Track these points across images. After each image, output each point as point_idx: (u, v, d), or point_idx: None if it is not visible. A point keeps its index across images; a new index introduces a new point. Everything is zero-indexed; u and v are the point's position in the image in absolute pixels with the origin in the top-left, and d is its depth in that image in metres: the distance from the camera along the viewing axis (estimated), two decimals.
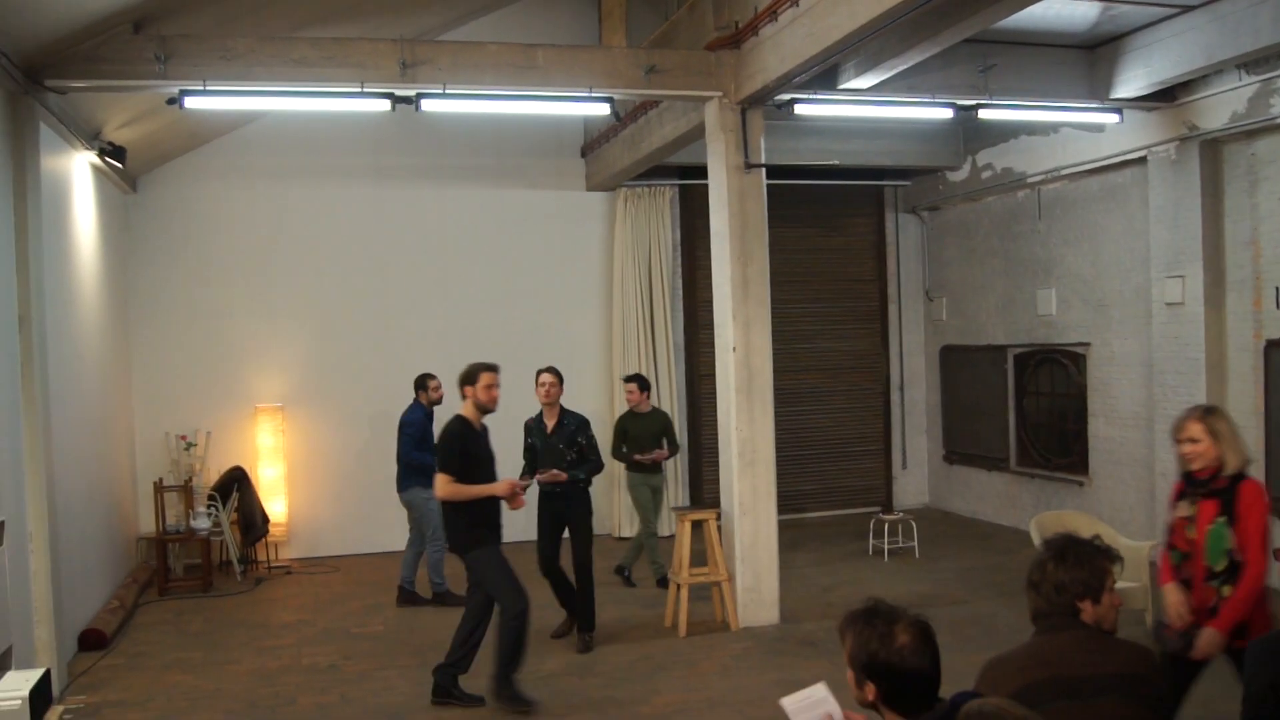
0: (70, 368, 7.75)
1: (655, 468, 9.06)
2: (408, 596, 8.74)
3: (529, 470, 7.56)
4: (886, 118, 9.98)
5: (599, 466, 7.66)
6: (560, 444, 7.46)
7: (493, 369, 6.40)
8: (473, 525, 6.17)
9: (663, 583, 8.70)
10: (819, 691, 2.82)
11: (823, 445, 12.38)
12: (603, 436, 11.35)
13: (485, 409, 6.34)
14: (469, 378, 6.35)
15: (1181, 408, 8.68)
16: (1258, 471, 8.34)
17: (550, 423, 7.54)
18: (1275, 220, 8.17)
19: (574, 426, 7.54)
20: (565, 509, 7.47)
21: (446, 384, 8.16)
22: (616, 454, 9.10)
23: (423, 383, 8.91)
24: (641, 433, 9.01)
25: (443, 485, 6.14)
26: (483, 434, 6.39)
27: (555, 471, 7.27)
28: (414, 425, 8.69)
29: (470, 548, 6.18)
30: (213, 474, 10.22)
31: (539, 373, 7.60)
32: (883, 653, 2.59)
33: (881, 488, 12.52)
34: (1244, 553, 4.01)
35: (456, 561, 6.47)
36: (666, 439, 9.07)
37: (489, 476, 6.33)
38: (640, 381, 9.19)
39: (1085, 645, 2.98)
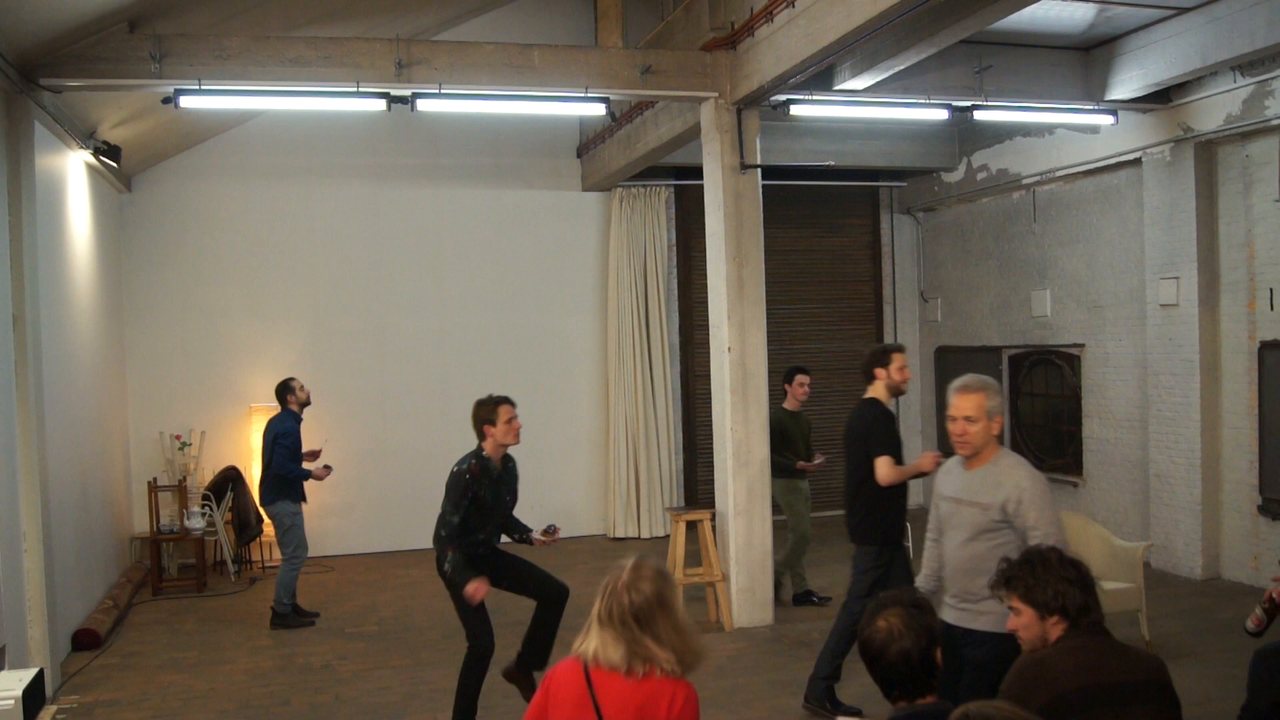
0: (64, 367, 7.73)
1: (802, 472, 8.46)
2: (283, 619, 8.14)
3: (468, 534, 5.72)
4: (882, 119, 10.01)
5: None
6: (507, 495, 5.99)
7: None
8: (896, 517, 5.86)
9: (801, 598, 8.38)
10: None
11: (817, 446, 12.34)
12: (592, 435, 11.42)
13: (898, 390, 6.04)
14: (881, 356, 6.04)
15: (1176, 409, 8.78)
16: (1252, 472, 8.38)
17: (499, 469, 5.91)
18: (1269, 222, 8.19)
19: (513, 469, 6.09)
20: (495, 565, 5.91)
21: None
22: (774, 456, 8.12)
23: (287, 387, 8.26)
24: (798, 435, 8.44)
25: (886, 469, 5.73)
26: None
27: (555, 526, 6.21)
28: (290, 436, 8.07)
29: (873, 542, 5.84)
30: (207, 474, 10.20)
31: (502, 403, 5.88)
32: (863, 640, 2.83)
33: None
34: None
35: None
36: (808, 443, 8.57)
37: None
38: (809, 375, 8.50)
39: (1112, 652, 3.00)
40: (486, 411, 5.78)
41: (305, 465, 8.24)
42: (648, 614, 2.89)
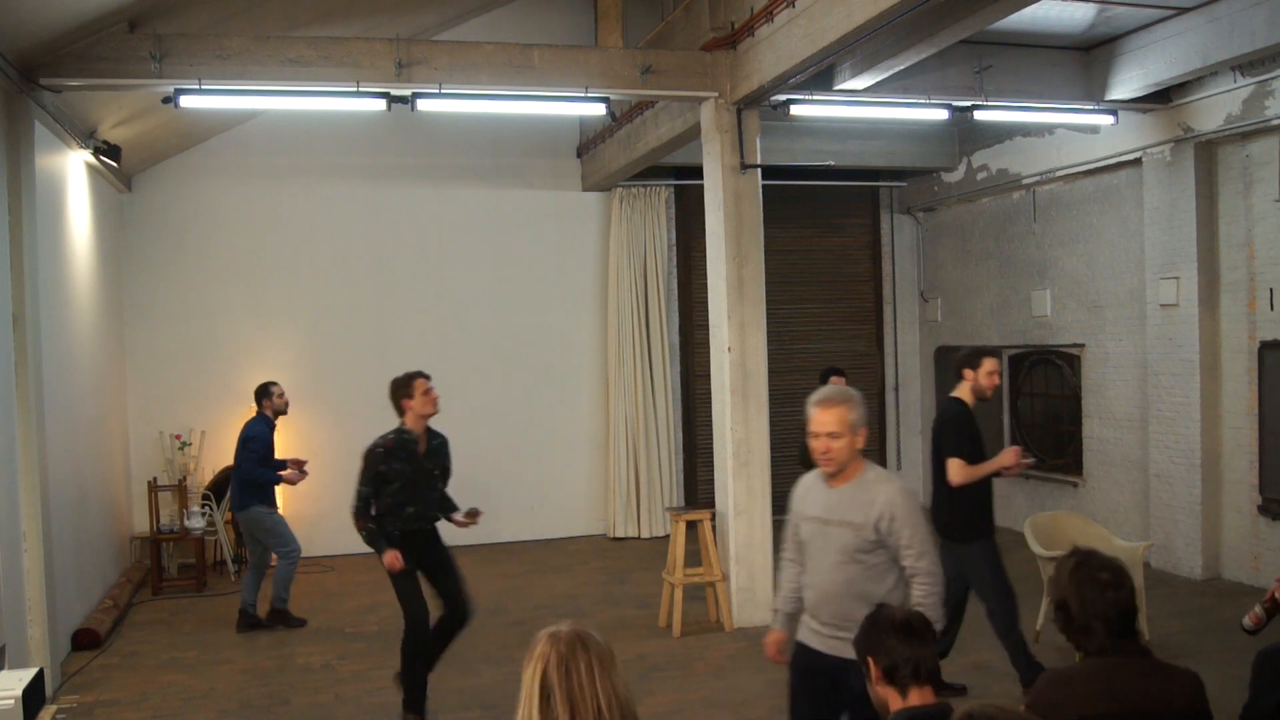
0: (64, 367, 7.73)
1: None
2: (250, 621, 8.04)
3: (375, 509, 5.96)
4: (882, 119, 10.01)
5: None
6: (434, 469, 6.17)
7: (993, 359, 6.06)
8: (983, 512, 5.94)
9: None
10: None
11: None
12: (592, 435, 11.42)
13: (983, 394, 6.02)
14: (973, 358, 6.03)
15: (1176, 409, 8.78)
16: (1252, 472, 8.38)
17: (422, 443, 6.12)
18: (1269, 222, 8.19)
19: (443, 446, 6.26)
20: (429, 550, 6.10)
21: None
22: (807, 459, 8.32)
23: (265, 391, 8.22)
24: None
25: (957, 470, 5.80)
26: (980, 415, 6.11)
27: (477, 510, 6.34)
28: (258, 440, 8.03)
29: (971, 539, 5.91)
30: (207, 473, 10.20)
31: (417, 376, 6.11)
32: (873, 630, 2.92)
33: None
34: None
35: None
36: None
37: None
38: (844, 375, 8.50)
39: (1145, 672, 2.86)
40: (402, 386, 6.10)
41: (292, 471, 8.29)
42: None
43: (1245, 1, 7.26)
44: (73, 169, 8.29)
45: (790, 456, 11.91)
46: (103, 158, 8.34)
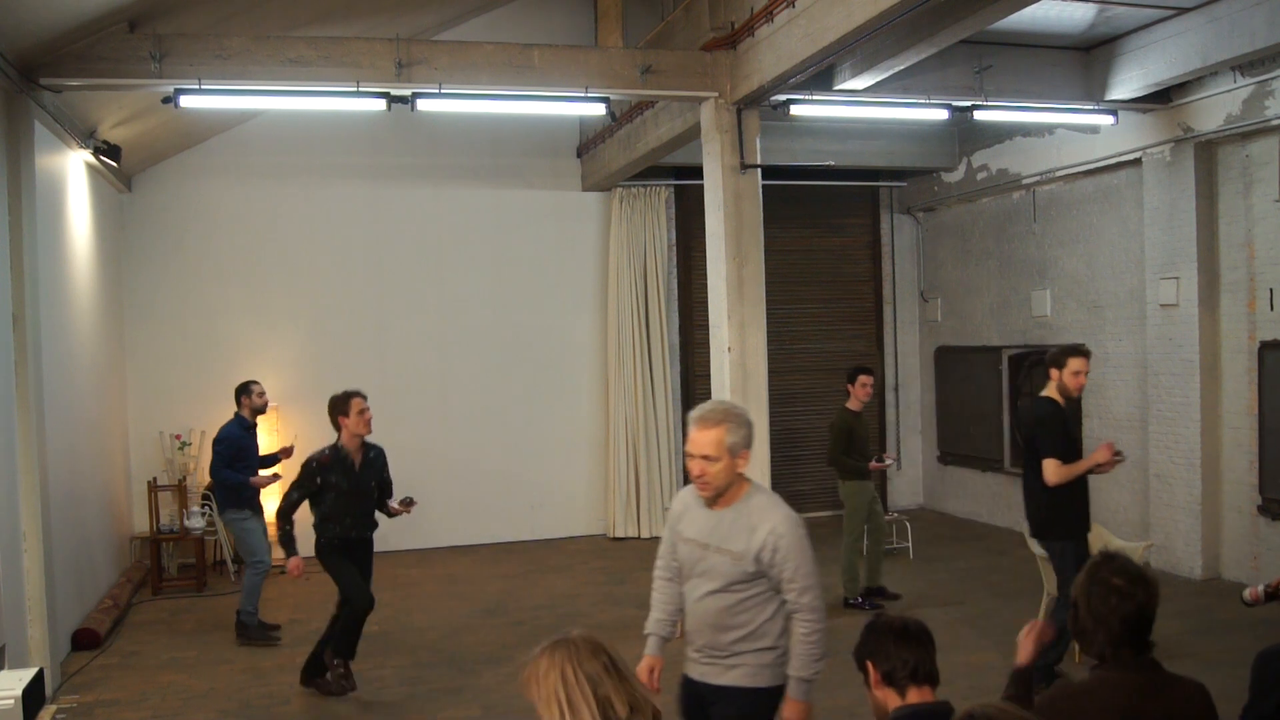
0: (64, 366, 7.73)
1: (869, 473, 8.40)
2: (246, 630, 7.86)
3: (315, 517, 6.55)
4: (882, 118, 10.01)
5: None
6: (371, 481, 6.58)
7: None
8: (1076, 511, 5.98)
9: (850, 602, 8.26)
10: None
11: (818, 446, 12.36)
12: (592, 435, 11.41)
13: (1068, 393, 6.02)
14: (1059, 357, 6.06)
15: (1176, 409, 8.78)
16: (1252, 472, 8.38)
17: (357, 458, 6.49)
18: (1269, 222, 8.19)
19: (378, 459, 6.66)
20: (363, 557, 6.64)
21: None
22: (844, 458, 8.23)
23: (245, 389, 8.06)
24: (864, 434, 8.42)
25: (1053, 470, 5.86)
26: (1073, 412, 6.21)
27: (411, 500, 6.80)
28: (226, 442, 7.86)
29: (1063, 537, 5.98)
30: (206, 473, 10.17)
31: (354, 396, 6.46)
32: (871, 635, 2.93)
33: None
34: None
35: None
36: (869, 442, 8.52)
37: None
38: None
39: (1155, 689, 2.81)
40: (340, 404, 6.42)
41: (267, 471, 8.15)
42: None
43: (1245, 1, 7.26)
44: (73, 169, 8.29)
45: (791, 456, 11.95)
46: (103, 158, 8.34)
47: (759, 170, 7.90)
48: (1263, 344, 8.28)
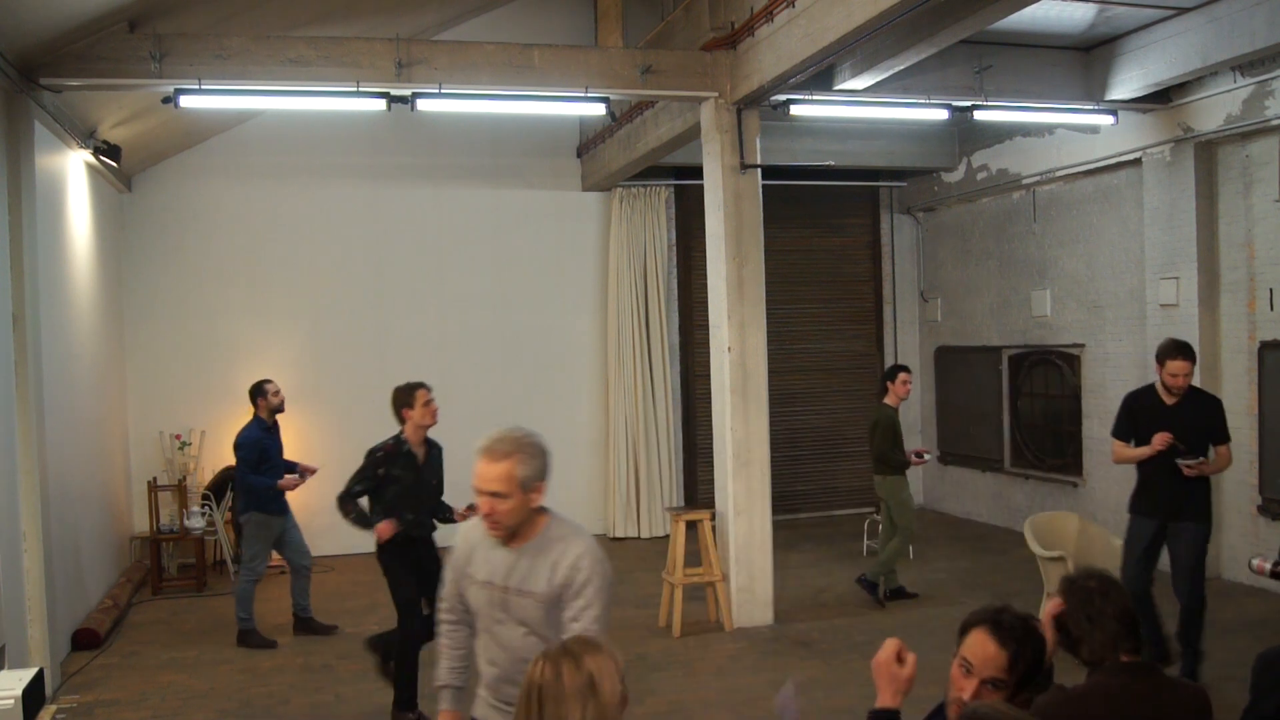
0: (64, 367, 7.73)
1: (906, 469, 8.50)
2: (305, 625, 8.01)
3: (373, 512, 6.15)
4: (882, 119, 10.01)
5: None
6: (434, 479, 6.29)
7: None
8: (1141, 491, 6.37)
9: (895, 593, 8.39)
10: (788, 689, 2.90)
11: (817, 446, 12.39)
12: (592, 435, 11.42)
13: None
14: (1159, 355, 6.29)
15: None
16: (1252, 472, 8.38)
17: (421, 452, 6.22)
18: (1269, 222, 8.19)
19: (440, 456, 6.38)
20: (424, 556, 6.25)
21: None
22: (894, 454, 8.30)
23: (260, 389, 7.87)
24: (899, 429, 8.45)
25: (1115, 449, 6.44)
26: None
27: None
28: (248, 446, 7.65)
29: (1136, 511, 6.43)
30: (207, 473, 10.20)
31: (419, 387, 6.16)
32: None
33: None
34: None
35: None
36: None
37: None
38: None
39: (1153, 692, 2.82)
40: (404, 396, 6.16)
41: (293, 475, 7.89)
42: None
43: (1245, 1, 7.26)
44: (73, 169, 8.29)
45: (791, 456, 11.95)
46: (103, 158, 8.34)
47: (759, 170, 7.91)
48: (1263, 344, 8.28)
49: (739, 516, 7.78)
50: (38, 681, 4.19)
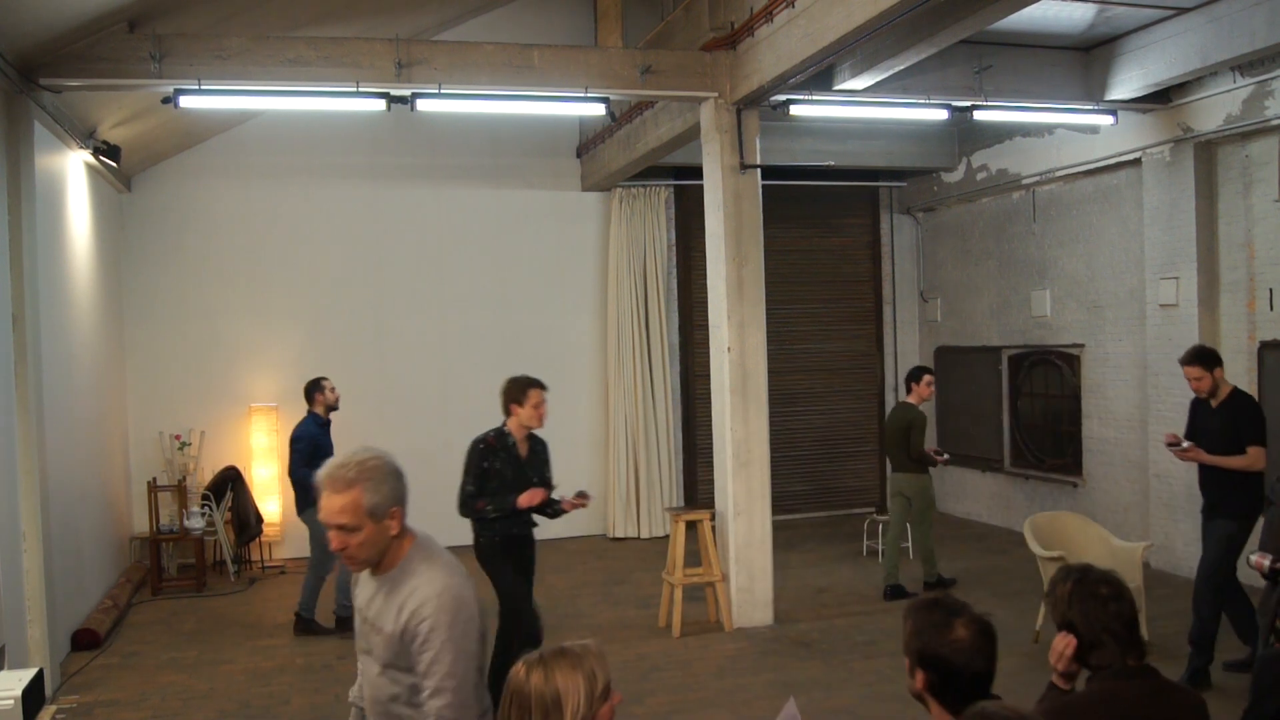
0: (64, 367, 7.73)
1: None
2: (305, 625, 7.94)
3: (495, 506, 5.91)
4: (882, 119, 10.01)
5: None
6: (534, 476, 6.03)
7: None
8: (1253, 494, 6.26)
9: (932, 584, 8.57)
10: (790, 708, 2.85)
11: (817, 446, 12.39)
12: (592, 436, 11.40)
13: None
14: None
15: (1176, 409, 8.75)
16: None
17: (524, 448, 6.02)
18: (1269, 222, 8.19)
19: (544, 452, 6.16)
20: (523, 554, 6.09)
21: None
22: (925, 452, 8.58)
23: (317, 385, 7.97)
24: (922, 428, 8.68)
25: (1259, 457, 6.20)
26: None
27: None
28: (304, 440, 7.81)
29: (1230, 516, 6.35)
30: (206, 474, 10.20)
31: (533, 386, 5.95)
32: (934, 644, 2.54)
33: (876, 489, 12.52)
34: None
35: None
36: None
37: None
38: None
39: (1151, 695, 2.80)
40: (516, 391, 5.92)
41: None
42: None
43: (1245, 1, 7.27)
44: (72, 169, 8.29)
45: (791, 457, 11.95)
46: (102, 158, 8.34)
47: (759, 170, 7.91)
48: (1262, 344, 8.27)
49: (739, 516, 7.79)
50: (37, 682, 4.19)
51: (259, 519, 10.10)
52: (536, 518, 6.16)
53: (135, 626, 8.26)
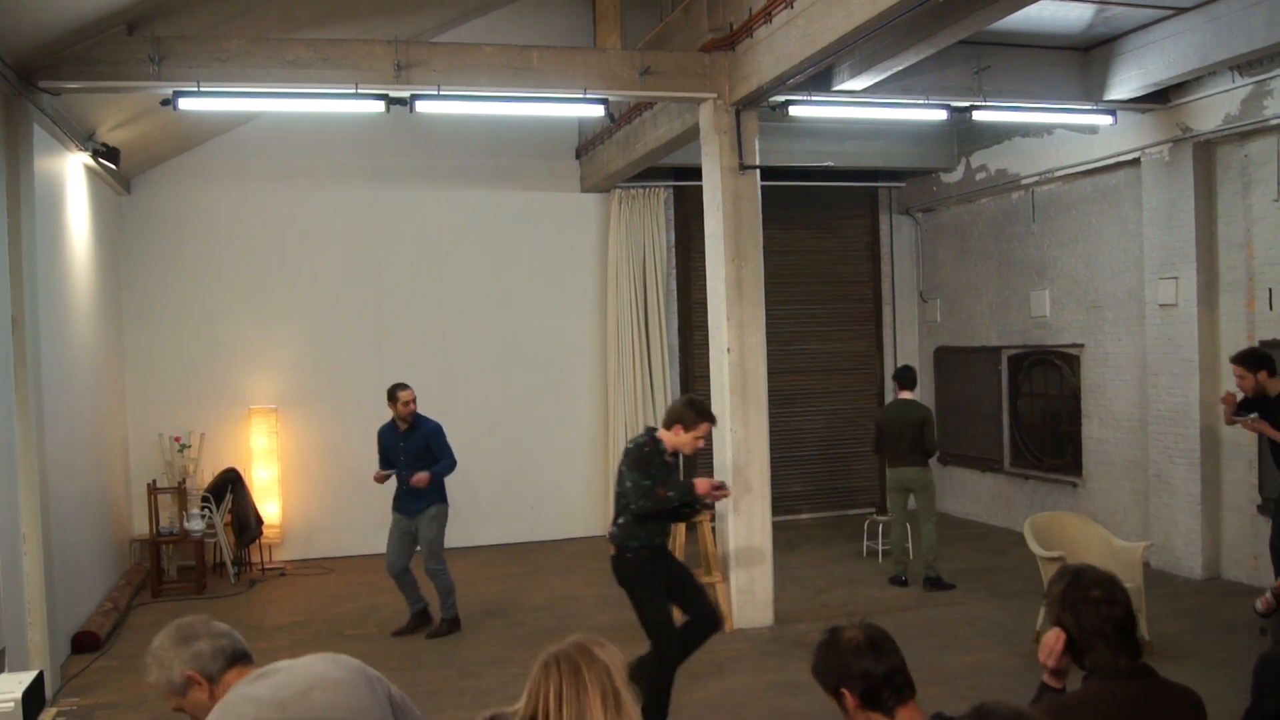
0: (63, 369, 7.73)
1: None
2: (450, 624, 8.06)
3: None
4: (881, 119, 10.00)
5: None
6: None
7: None
8: None
9: (933, 583, 8.73)
10: None
11: (817, 447, 12.39)
12: (592, 436, 11.41)
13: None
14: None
15: (1175, 409, 8.78)
16: (1251, 472, 8.38)
17: (670, 459, 6.03)
18: (1268, 222, 8.19)
19: (676, 462, 6.17)
20: (670, 562, 6.13)
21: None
22: (935, 446, 9.02)
23: (390, 394, 7.99)
24: None
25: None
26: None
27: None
28: (379, 442, 8.09)
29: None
30: (206, 476, 10.18)
31: (707, 419, 5.95)
32: (837, 664, 2.67)
33: (876, 489, 12.51)
34: None
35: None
36: None
37: None
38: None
39: (1147, 694, 2.81)
40: (694, 416, 5.81)
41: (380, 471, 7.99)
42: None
43: (1244, 1, 7.27)
44: (72, 171, 8.29)
45: (791, 457, 11.95)
46: (102, 160, 8.35)
47: (758, 171, 7.91)
48: (1262, 343, 8.25)
49: (739, 517, 7.78)
50: (37, 684, 4.19)
51: (259, 521, 10.10)
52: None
53: (135, 629, 8.25)
